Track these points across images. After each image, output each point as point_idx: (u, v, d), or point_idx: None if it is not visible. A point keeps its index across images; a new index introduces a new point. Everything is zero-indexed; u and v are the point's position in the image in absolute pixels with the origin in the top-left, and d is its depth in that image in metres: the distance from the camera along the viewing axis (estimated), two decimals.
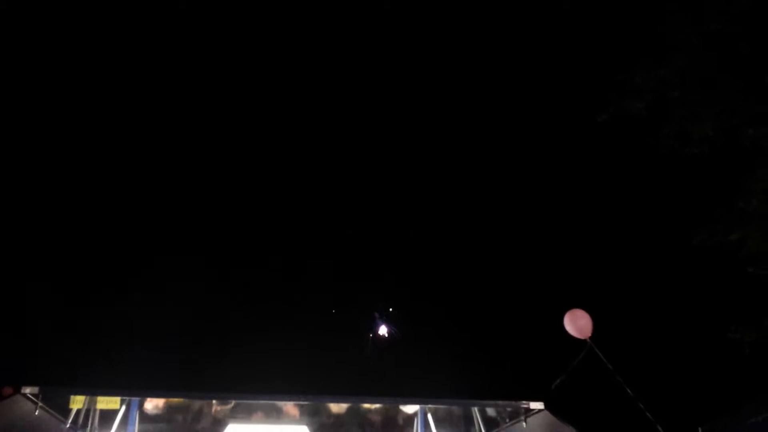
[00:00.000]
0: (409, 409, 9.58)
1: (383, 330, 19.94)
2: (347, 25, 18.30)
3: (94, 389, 8.52)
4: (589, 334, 9.39)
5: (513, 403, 8.62)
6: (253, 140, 19.38)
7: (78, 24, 16.77)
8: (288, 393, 9.40)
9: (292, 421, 9.50)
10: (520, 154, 18.52)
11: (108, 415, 8.77)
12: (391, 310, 20.20)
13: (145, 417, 9.12)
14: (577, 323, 9.51)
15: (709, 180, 12.66)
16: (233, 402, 9.31)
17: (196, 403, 9.31)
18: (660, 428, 8.28)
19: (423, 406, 9.37)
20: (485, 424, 9.31)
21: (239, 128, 19.43)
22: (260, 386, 9.25)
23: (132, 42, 17.70)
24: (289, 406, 9.45)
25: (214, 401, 9.24)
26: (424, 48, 18.53)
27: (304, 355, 16.65)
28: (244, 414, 9.40)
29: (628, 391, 8.72)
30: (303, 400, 9.23)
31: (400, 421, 9.89)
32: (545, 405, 8.28)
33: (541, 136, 17.61)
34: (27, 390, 7.67)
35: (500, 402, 8.84)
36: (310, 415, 9.57)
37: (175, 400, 9.19)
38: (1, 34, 15.47)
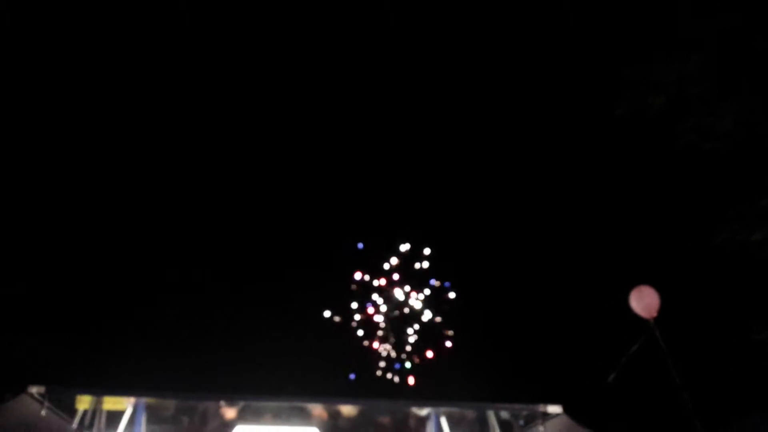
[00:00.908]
0: (422, 412, 9.34)
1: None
2: (347, 25, 18.17)
3: (100, 389, 8.39)
4: (655, 314, 9.09)
5: (530, 406, 8.36)
6: (251, 143, 19.32)
7: (78, 24, 16.75)
8: (298, 395, 9.22)
9: (302, 423, 9.29)
10: (536, 152, 18.30)
11: (115, 416, 8.61)
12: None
13: (152, 418, 8.95)
14: (643, 300, 9.22)
15: (731, 177, 12.37)
16: (242, 403, 9.12)
17: (204, 405, 9.12)
18: (698, 423, 7.99)
19: (437, 409, 9.14)
20: (501, 428, 9.04)
21: (235, 135, 19.38)
22: (270, 388, 9.07)
23: (132, 42, 17.69)
24: (299, 408, 9.25)
25: (222, 402, 9.05)
26: (431, 47, 18.37)
27: (314, 357, 16.54)
28: (252, 415, 9.20)
29: (676, 378, 8.39)
30: (313, 402, 9.05)
31: (413, 425, 9.65)
32: (564, 409, 8.01)
33: (559, 131, 17.39)
34: (33, 389, 7.56)
35: (517, 405, 8.58)
36: (321, 417, 9.36)
37: (183, 401, 9.01)
38: (1, 34, 15.45)
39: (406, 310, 20.48)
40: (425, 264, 20.50)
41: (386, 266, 20.70)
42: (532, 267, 17.72)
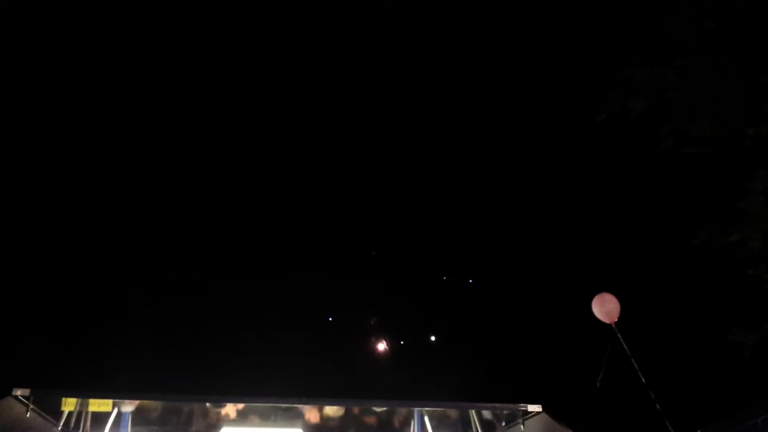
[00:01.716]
0: (405, 412, 9.45)
1: (381, 345, 19.89)
2: (347, 25, 18.24)
3: (85, 391, 8.42)
4: (616, 319, 9.46)
5: (510, 405, 8.49)
6: (249, 143, 19.36)
7: (78, 24, 16.72)
8: (283, 396, 9.28)
9: (287, 423, 9.37)
10: (517, 154, 18.45)
11: (100, 418, 8.66)
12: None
13: (137, 419, 9.00)
14: (604, 306, 9.59)
15: (710, 180, 12.56)
16: (227, 404, 9.18)
17: (190, 406, 9.17)
18: (668, 424, 8.18)
19: (420, 408, 9.26)
20: (482, 427, 9.18)
21: (234, 135, 19.41)
22: (255, 389, 9.13)
23: (132, 42, 17.67)
24: (285, 409, 9.32)
25: (207, 404, 9.11)
26: (423, 47, 18.46)
27: (299, 358, 16.59)
28: (238, 417, 9.27)
29: (642, 379, 8.63)
30: (298, 403, 9.12)
31: (397, 424, 9.76)
32: (543, 408, 8.16)
33: (540, 134, 17.54)
34: (18, 392, 7.56)
35: (497, 405, 8.71)
36: (306, 417, 9.44)
37: (168, 402, 9.06)
38: (1, 34, 15.42)
39: None
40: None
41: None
42: (514, 269, 17.88)
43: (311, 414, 9.49)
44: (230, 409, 9.26)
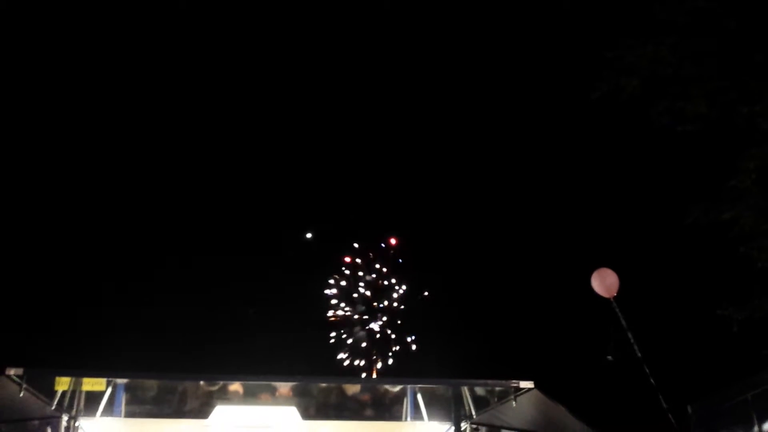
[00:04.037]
0: (398, 389, 9.52)
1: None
2: (347, 25, 18.17)
3: (79, 371, 8.43)
4: (615, 293, 9.62)
5: (503, 382, 8.55)
6: (234, 134, 19.32)
7: (78, 24, 16.63)
8: (277, 375, 9.34)
9: (281, 402, 9.42)
10: (512, 134, 18.44)
11: (94, 397, 8.68)
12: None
13: (131, 399, 9.03)
14: (605, 281, 9.75)
15: (703, 158, 12.58)
16: (221, 383, 9.22)
17: (183, 385, 9.21)
18: (662, 399, 8.27)
19: (413, 386, 9.32)
20: (475, 404, 9.25)
21: (219, 125, 19.36)
22: (249, 368, 9.18)
23: (132, 42, 17.58)
24: (278, 388, 9.37)
25: (201, 382, 9.15)
26: (418, 32, 18.41)
27: (294, 338, 16.66)
28: (232, 395, 9.32)
29: (638, 353, 8.75)
30: (291, 381, 9.17)
31: (390, 402, 9.83)
32: (535, 384, 8.22)
33: (535, 114, 17.53)
34: (11, 371, 7.57)
35: (490, 381, 8.77)
36: (299, 396, 9.49)
37: (162, 381, 9.09)
38: (1, 34, 15.34)
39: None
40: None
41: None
42: (507, 249, 17.93)
43: (305, 392, 9.55)
44: (224, 388, 9.31)
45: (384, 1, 17.34)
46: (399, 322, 20.97)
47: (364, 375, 19.76)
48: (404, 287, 20.79)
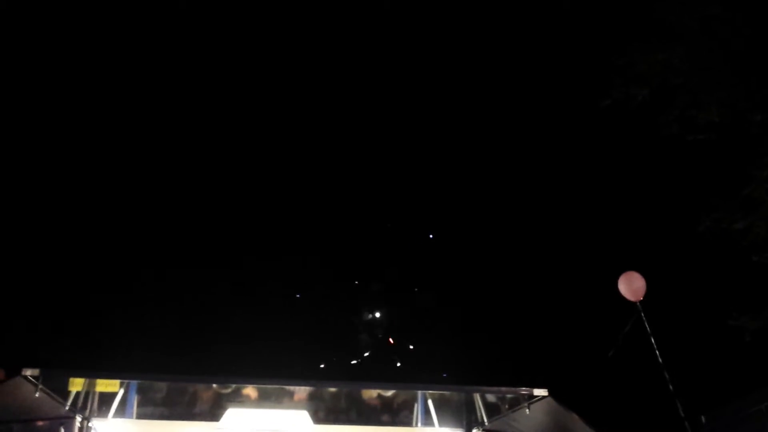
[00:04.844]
0: (409, 394, 9.51)
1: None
2: (347, 25, 18.21)
3: (92, 372, 8.47)
4: (641, 297, 9.61)
5: (515, 389, 8.51)
6: (247, 142, 19.38)
7: (78, 24, 16.70)
8: (288, 378, 9.33)
9: (293, 405, 9.42)
10: (520, 141, 18.43)
11: (107, 398, 8.72)
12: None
13: (144, 400, 9.06)
14: (632, 285, 9.75)
15: (715, 167, 12.54)
16: (233, 386, 9.23)
17: (195, 387, 9.23)
18: (680, 406, 8.24)
19: (423, 392, 9.31)
20: (487, 410, 9.22)
21: (231, 131, 19.42)
22: (260, 371, 9.17)
23: (132, 42, 17.65)
24: (290, 391, 9.37)
25: (214, 385, 9.16)
26: (421, 36, 18.43)
27: (305, 342, 16.65)
28: (243, 398, 9.33)
29: (659, 359, 8.72)
30: (303, 385, 9.17)
31: (400, 407, 9.82)
32: (549, 392, 8.18)
33: (543, 121, 17.51)
34: (27, 372, 7.62)
35: (503, 389, 8.74)
36: (311, 399, 9.49)
37: (174, 383, 9.11)
38: (2, 34, 15.42)
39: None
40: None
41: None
42: (519, 254, 17.90)
43: (317, 396, 9.55)
44: (236, 391, 9.32)
45: (384, 1, 17.27)
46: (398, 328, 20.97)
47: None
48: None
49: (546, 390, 8.17)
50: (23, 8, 15.84)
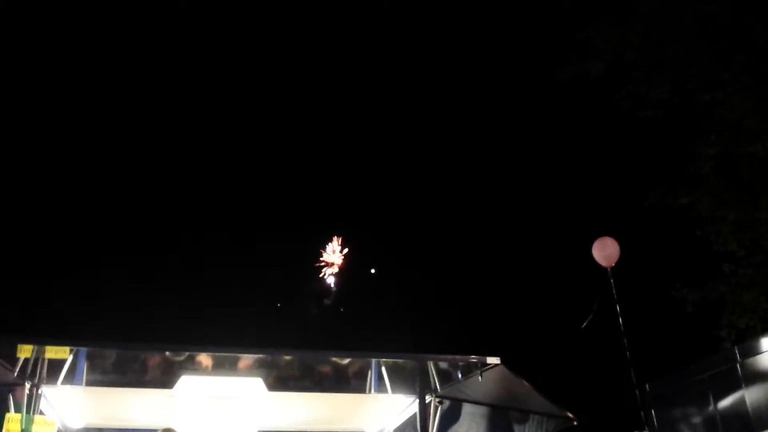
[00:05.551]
0: (363, 362, 9.55)
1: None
2: (347, 25, 18.02)
3: (42, 339, 8.25)
4: (614, 263, 9.75)
5: (468, 357, 8.61)
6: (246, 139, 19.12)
7: (78, 24, 16.22)
8: (242, 346, 9.25)
9: (246, 373, 9.37)
10: (477, 113, 18.57)
11: (56, 365, 8.50)
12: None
13: (94, 367, 8.88)
14: (605, 250, 9.89)
15: (664, 143, 12.85)
16: (186, 354, 9.10)
17: (148, 354, 9.08)
18: (632, 372, 8.49)
19: (377, 359, 9.36)
20: (440, 378, 9.32)
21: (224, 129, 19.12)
22: (215, 339, 9.09)
23: (132, 42, 17.20)
24: (243, 359, 9.31)
25: (166, 353, 9.02)
26: (413, 30, 18.35)
27: (257, 311, 16.63)
28: (197, 366, 9.23)
29: (621, 327, 8.92)
30: (258, 353, 9.11)
31: (354, 374, 9.86)
32: (501, 360, 8.31)
33: (500, 93, 17.65)
34: None
35: (457, 357, 8.82)
36: (264, 367, 9.45)
37: (126, 351, 8.94)
38: (1, 34, 14.89)
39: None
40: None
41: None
42: (474, 225, 18.13)
43: (270, 364, 9.52)
44: (189, 359, 9.21)
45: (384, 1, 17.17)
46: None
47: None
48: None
49: (498, 358, 8.29)
50: (23, 8, 15.38)
